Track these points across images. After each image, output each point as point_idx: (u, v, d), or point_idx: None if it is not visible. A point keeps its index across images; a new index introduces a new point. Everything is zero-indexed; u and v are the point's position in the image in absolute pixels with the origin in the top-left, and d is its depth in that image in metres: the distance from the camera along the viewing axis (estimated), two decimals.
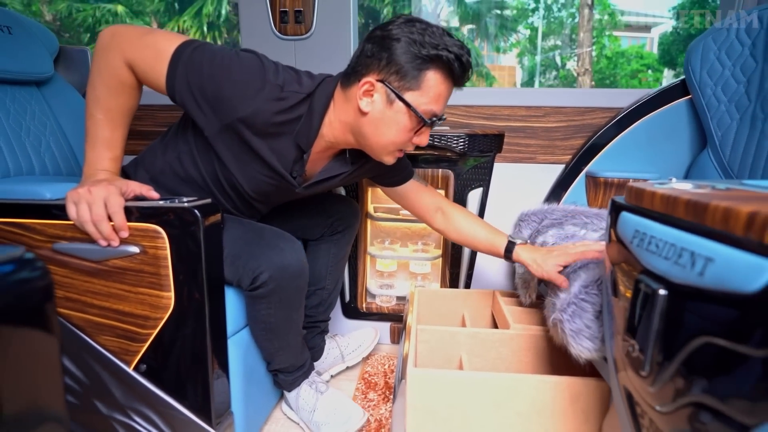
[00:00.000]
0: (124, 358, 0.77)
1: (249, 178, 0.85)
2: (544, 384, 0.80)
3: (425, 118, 0.77)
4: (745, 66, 1.04)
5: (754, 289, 0.35)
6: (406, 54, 0.73)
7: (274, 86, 0.76)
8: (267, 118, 0.77)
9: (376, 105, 0.77)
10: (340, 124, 0.82)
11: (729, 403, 0.38)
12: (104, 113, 0.75)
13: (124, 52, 0.74)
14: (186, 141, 0.87)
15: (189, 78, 0.74)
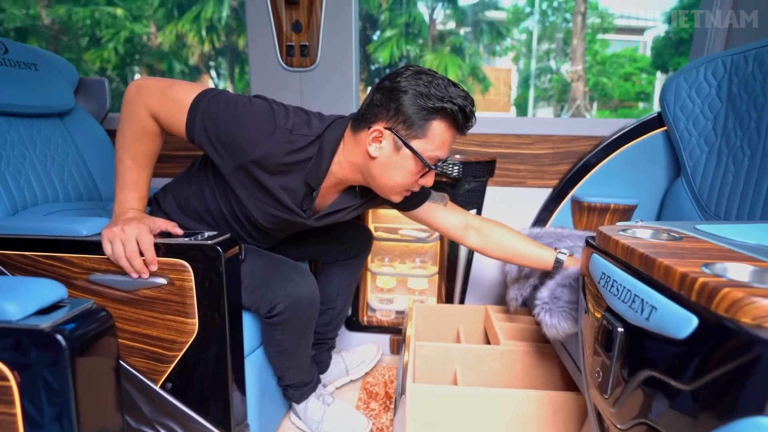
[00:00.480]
0: (152, 377, 0.85)
1: (263, 212, 0.92)
2: (529, 398, 0.89)
3: (430, 164, 0.83)
4: (712, 104, 1.14)
5: (684, 336, 0.45)
6: (413, 105, 0.79)
7: (284, 130, 0.82)
8: (277, 160, 0.83)
9: (384, 151, 0.82)
10: (349, 165, 0.88)
11: (667, 424, 0.47)
12: (132, 159, 0.84)
13: (149, 105, 0.82)
14: (207, 176, 0.95)
15: (206, 125, 0.82)
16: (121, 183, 0.85)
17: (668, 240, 0.62)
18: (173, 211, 1.00)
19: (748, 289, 0.41)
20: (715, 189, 1.11)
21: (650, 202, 1.34)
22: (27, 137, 1.13)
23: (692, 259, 0.51)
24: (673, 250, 0.55)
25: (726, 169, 1.09)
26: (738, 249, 0.55)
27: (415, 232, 1.47)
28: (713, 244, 0.58)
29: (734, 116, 1.09)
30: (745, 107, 1.05)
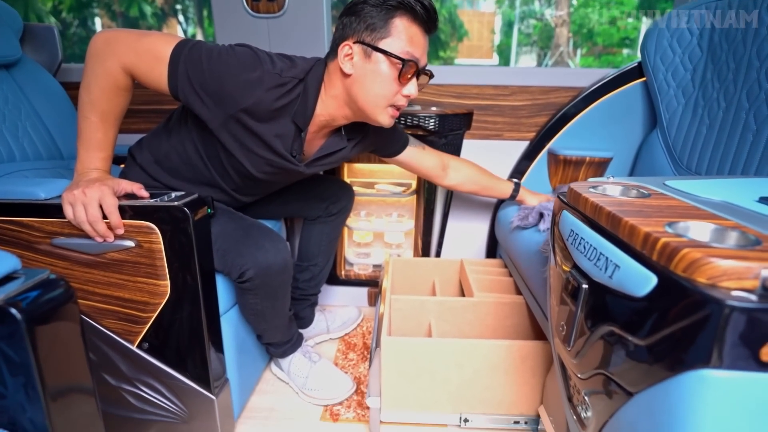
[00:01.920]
0: (128, 338, 0.85)
1: (254, 162, 0.89)
2: (498, 347, 0.93)
3: (404, 57, 0.80)
4: (692, 54, 1.12)
5: (643, 294, 0.46)
6: (372, 10, 0.79)
7: (273, 75, 0.80)
8: (268, 105, 0.81)
9: (356, 64, 0.81)
10: (333, 100, 0.87)
11: (622, 375, 0.50)
12: (98, 116, 0.79)
13: (122, 58, 0.77)
14: (188, 130, 0.91)
15: (190, 76, 0.78)
16: (86, 142, 0.80)
17: (637, 197, 0.62)
18: (150, 166, 0.96)
19: (706, 249, 0.41)
20: (689, 142, 1.12)
21: (625, 155, 1.34)
22: None
23: (657, 217, 0.52)
24: (640, 208, 0.56)
25: (701, 121, 1.09)
26: (703, 206, 0.56)
27: (391, 186, 1.46)
28: (680, 201, 0.59)
29: (713, 67, 1.07)
30: (725, 57, 1.04)
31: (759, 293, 0.38)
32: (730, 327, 0.38)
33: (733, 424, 0.40)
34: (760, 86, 0.93)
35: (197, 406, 0.89)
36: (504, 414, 0.98)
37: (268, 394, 1.12)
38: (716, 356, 0.39)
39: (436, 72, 1.38)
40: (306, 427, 1.02)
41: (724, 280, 0.39)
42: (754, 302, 0.37)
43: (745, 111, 0.96)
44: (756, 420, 0.39)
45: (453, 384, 0.96)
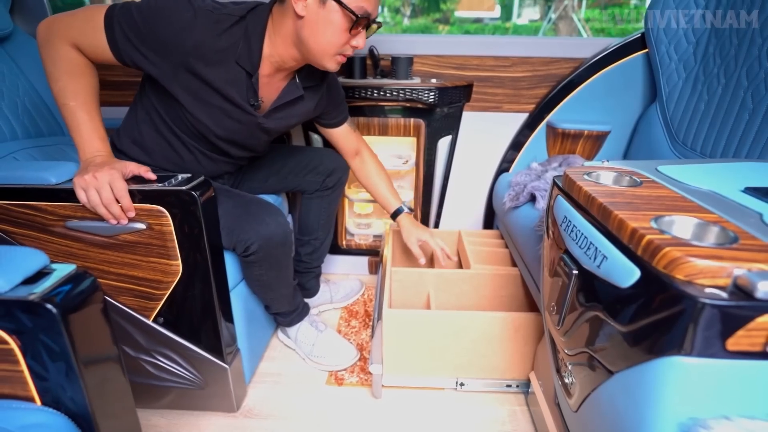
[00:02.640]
0: (144, 313, 0.90)
1: (213, 117, 0.90)
2: (493, 318, 0.99)
3: (357, 13, 0.81)
4: (696, 27, 1.11)
5: (627, 285, 0.50)
6: None
7: (205, 11, 0.81)
8: (211, 44, 0.82)
9: (310, 7, 0.81)
10: (281, 40, 0.86)
11: (604, 355, 0.55)
12: (74, 98, 0.81)
13: (64, 36, 0.79)
14: (149, 98, 0.93)
15: (127, 34, 0.80)
16: (76, 128, 0.81)
17: (628, 186, 0.65)
18: (130, 148, 0.98)
19: (685, 248, 0.45)
20: (687, 117, 1.13)
21: (623, 128, 1.35)
22: None
23: (645, 210, 0.55)
24: (631, 200, 0.59)
25: (699, 97, 1.10)
26: (691, 197, 0.59)
27: (392, 159, 1.47)
28: (669, 191, 0.62)
29: (716, 41, 1.07)
30: (728, 32, 1.03)
31: (730, 291, 0.42)
32: (702, 320, 0.42)
33: (701, 404, 0.45)
34: (761, 65, 0.93)
35: (212, 374, 0.96)
36: (497, 378, 1.06)
37: (276, 360, 1.19)
38: (688, 345, 0.43)
39: (437, 43, 1.37)
40: (312, 390, 1.10)
41: (700, 278, 0.43)
42: (725, 299, 0.41)
43: (744, 89, 0.97)
44: (721, 401, 0.44)
45: (450, 352, 1.03)
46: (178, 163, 0.98)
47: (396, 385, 1.08)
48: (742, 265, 0.42)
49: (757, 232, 0.48)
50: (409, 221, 1.21)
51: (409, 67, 1.30)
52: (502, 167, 1.47)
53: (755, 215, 0.53)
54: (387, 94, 1.29)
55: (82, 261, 0.86)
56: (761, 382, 0.43)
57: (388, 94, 1.29)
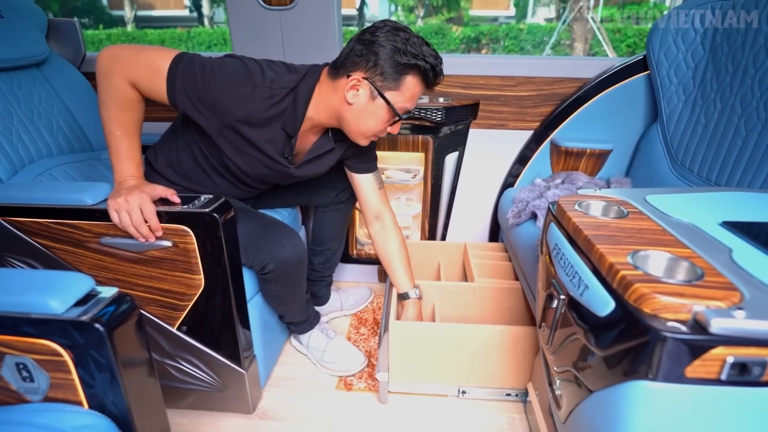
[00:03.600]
0: (169, 322, 0.98)
1: (249, 164, 0.99)
2: (493, 331, 1.04)
3: (400, 114, 0.92)
4: (695, 53, 1.15)
5: (603, 314, 0.56)
6: (390, 60, 0.87)
7: (263, 88, 0.89)
8: (261, 114, 0.90)
9: (360, 98, 0.90)
10: (325, 109, 0.94)
11: (585, 375, 0.61)
12: (120, 129, 0.88)
13: (126, 74, 0.85)
14: (191, 134, 1.00)
15: (187, 90, 0.87)
16: (116, 153, 0.89)
17: (615, 217, 0.70)
18: (165, 170, 1.05)
19: (653, 285, 0.50)
20: (685, 139, 1.17)
21: (625, 147, 1.39)
22: (9, 93, 1.13)
23: (625, 244, 0.60)
24: (614, 232, 0.64)
25: (697, 120, 1.13)
26: (671, 230, 0.64)
27: (401, 173, 1.53)
28: (652, 223, 0.67)
29: (713, 68, 1.11)
30: (724, 59, 1.07)
31: (690, 325, 0.48)
32: (665, 350, 0.47)
33: (665, 424, 0.50)
34: (753, 94, 0.97)
35: (230, 378, 1.03)
36: (497, 387, 1.12)
37: (289, 365, 1.27)
38: (653, 371, 0.49)
39: (445, 63, 1.42)
40: (323, 394, 1.17)
41: (664, 312, 0.49)
42: (684, 332, 0.47)
43: (738, 116, 1.01)
44: (682, 422, 0.50)
45: (452, 362, 1.09)
46: (210, 186, 1.06)
47: (401, 391, 1.15)
48: (701, 302, 0.48)
49: (723, 269, 0.53)
50: (412, 313, 1.15)
51: None
52: (508, 182, 1.52)
53: (726, 250, 0.58)
54: None
55: (114, 274, 0.94)
56: (717, 406, 0.48)
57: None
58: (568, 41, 9.37)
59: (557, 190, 1.25)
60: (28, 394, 0.59)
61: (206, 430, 1.06)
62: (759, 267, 0.53)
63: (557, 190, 1.25)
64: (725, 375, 0.47)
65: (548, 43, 9.28)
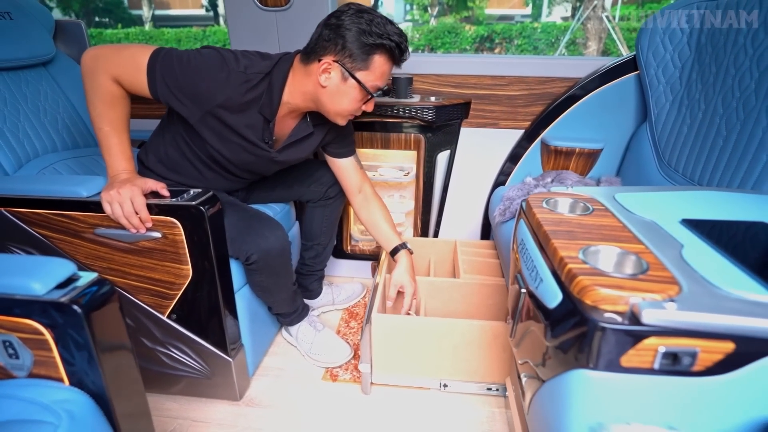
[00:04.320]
0: (159, 310, 1.03)
1: (231, 151, 1.04)
2: (473, 326, 1.07)
3: (371, 92, 0.98)
4: (682, 53, 1.15)
5: (552, 306, 0.58)
6: (357, 41, 0.91)
7: (238, 73, 0.94)
8: (239, 99, 0.95)
9: (332, 80, 0.95)
10: (300, 94, 0.99)
11: (538, 366, 0.63)
12: (109, 125, 0.93)
13: (108, 71, 0.91)
14: (176, 127, 1.06)
15: (167, 81, 0.92)
16: (107, 149, 0.94)
17: (579, 214, 0.72)
18: (156, 166, 1.10)
19: (595, 278, 0.52)
20: (672, 139, 1.17)
21: (616, 146, 1.40)
22: (17, 91, 1.19)
23: (581, 240, 0.62)
24: (573, 228, 0.66)
25: (683, 121, 1.14)
26: (630, 226, 0.66)
27: (393, 171, 1.56)
28: (613, 220, 0.69)
29: (698, 68, 1.11)
30: (708, 60, 1.07)
31: (628, 316, 0.50)
32: (602, 340, 0.49)
33: (605, 411, 0.52)
34: (733, 94, 0.97)
35: (217, 366, 1.07)
36: (479, 381, 1.14)
37: (278, 355, 1.31)
38: (593, 360, 0.51)
39: (436, 62, 1.45)
40: (310, 384, 1.20)
41: (603, 304, 0.50)
42: (620, 323, 0.49)
43: (719, 116, 1.01)
44: (621, 409, 0.52)
45: (434, 355, 1.11)
46: (199, 179, 1.11)
47: (384, 383, 1.18)
48: (639, 294, 0.50)
49: (669, 264, 0.55)
50: (406, 263, 1.19)
51: (408, 87, 1.39)
52: (499, 180, 1.54)
53: (678, 246, 0.59)
54: (388, 111, 1.38)
55: (108, 263, 0.99)
56: (651, 395, 0.50)
57: (389, 111, 1.38)
58: (582, 40, 9.25)
59: (545, 189, 1.26)
60: (14, 370, 0.63)
61: (195, 415, 1.10)
62: (704, 262, 0.55)
63: (545, 189, 1.26)
64: (658, 364, 0.48)
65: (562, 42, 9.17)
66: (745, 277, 0.51)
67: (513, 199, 1.26)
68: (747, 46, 0.95)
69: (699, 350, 0.47)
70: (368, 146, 1.54)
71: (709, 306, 0.47)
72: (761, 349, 0.47)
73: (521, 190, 1.33)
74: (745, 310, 0.46)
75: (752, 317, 0.46)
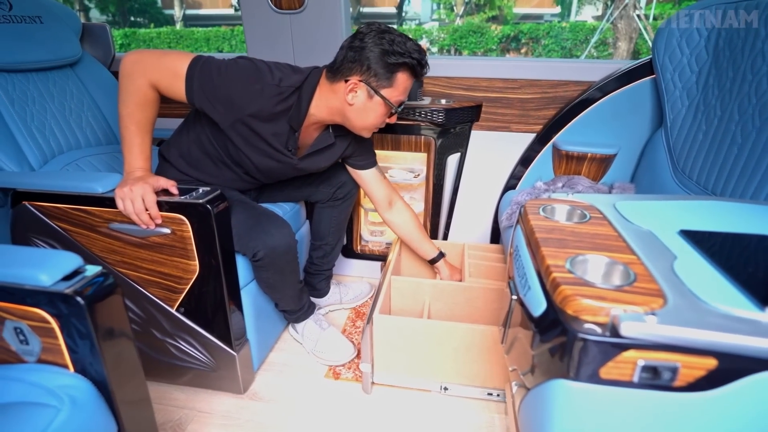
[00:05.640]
0: (168, 303, 1.07)
1: (256, 156, 1.08)
2: (473, 330, 1.06)
3: (395, 107, 1.03)
4: (699, 57, 1.11)
5: (537, 314, 0.57)
6: (380, 62, 0.96)
7: (272, 86, 0.99)
8: (270, 110, 1.00)
9: (359, 98, 1.00)
10: (327, 108, 1.04)
11: (524, 374, 0.63)
12: (136, 125, 0.97)
13: (148, 76, 0.95)
14: (202, 126, 1.10)
15: (203, 89, 0.96)
16: (129, 147, 0.98)
17: (575, 222, 0.71)
18: (177, 160, 1.14)
19: (578, 288, 0.52)
20: (687, 145, 1.14)
21: (631, 151, 1.36)
22: (45, 91, 1.26)
23: (571, 248, 0.61)
24: (566, 236, 0.65)
25: (698, 127, 1.10)
26: (625, 235, 0.65)
27: (404, 173, 1.57)
28: (608, 229, 0.68)
29: (716, 72, 1.07)
30: (726, 64, 1.04)
31: (609, 328, 0.49)
32: (581, 351, 0.49)
33: (585, 422, 0.52)
34: (749, 100, 0.94)
35: (222, 359, 1.11)
36: (479, 386, 1.13)
37: (284, 351, 1.33)
38: (573, 371, 0.50)
39: (448, 66, 1.45)
40: (313, 381, 1.23)
41: (584, 314, 0.50)
42: (599, 335, 0.48)
43: (735, 123, 0.97)
44: (600, 421, 0.51)
45: (435, 358, 1.12)
46: (216, 175, 1.15)
47: (386, 383, 1.19)
48: (621, 306, 0.49)
49: (658, 275, 0.54)
50: (448, 266, 1.35)
51: (419, 89, 1.39)
52: (510, 184, 1.53)
53: (671, 258, 0.58)
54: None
55: (121, 257, 1.03)
56: (631, 409, 0.49)
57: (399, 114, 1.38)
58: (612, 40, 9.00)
59: (554, 194, 1.25)
60: (24, 356, 0.67)
61: (200, 406, 1.14)
62: (694, 275, 0.54)
63: (554, 194, 1.25)
64: (637, 378, 0.48)
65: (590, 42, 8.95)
66: (734, 292, 0.50)
67: (521, 204, 1.24)
68: (765, 51, 0.91)
69: (680, 365, 0.47)
70: (378, 148, 1.55)
71: (692, 320, 0.46)
72: (746, 367, 0.46)
73: (530, 194, 1.31)
74: (729, 326, 0.45)
75: (735, 333, 0.44)
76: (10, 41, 1.19)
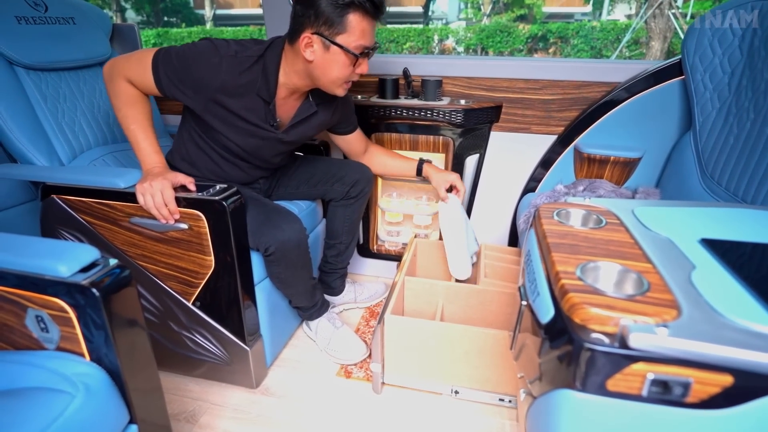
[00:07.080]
0: (185, 297, 1.09)
1: (239, 135, 1.09)
2: (485, 334, 1.05)
3: (356, 53, 0.98)
4: (732, 57, 1.06)
5: (545, 321, 0.56)
6: (328, 6, 0.92)
7: (229, 57, 0.99)
8: (234, 82, 1.00)
9: (317, 53, 0.98)
10: (294, 73, 1.04)
11: (531, 381, 0.61)
12: (134, 123, 1.02)
13: (123, 75, 1.01)
14: (190, 124, 1.14)
15: (168, 76, 1.00)
16: (137, 146, 1.03)
17: (591, 228, 0.69)
18: (180, 165, 1.18)
19: (587, 296, 0.50)
20: (716, 149, 1.09)
21: (657, 155, 1.31)
22: (76, 89, 1.31)
23: (584, 254, 0.60)
24: (579, 242, 0.64)
25: (729, 130, 1.05)
26: (642, 243, 0.63)
27: None
28: (624, 235, 0.65)
29: (750, 73, 1.02)
30: (761, 65, 0.98)
31: (618, 338, 0.47)
32: (587, 361, 0.48)
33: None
34: None
35: (236, 353, 1.13)
36: (490, 391, 1.12)
37: (297, 348, 1.35)
38: (579, 381, 0.49)
39: (468, 66, 1.43)
40: (324, 379, 1.23)
41: (591, 324, 0.48)
42: (607, 345, 0.47)
43: None
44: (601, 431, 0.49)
45: (446, 360, 1.11)
46: (218, 172, 1.17)
47: (396, 384, 1.18)
48: (631, 316, 0.47)
49: (674, 286, 0.52)
50: (434, 169, 1.35)
51: (438, 89, 1.38)
52: (529, 186, 1.49)
53: (689, 267, 0.56)
54: (416, 114, 1.38)
55: (141, 250, 1.06)
56: (639, 423, 0.47)
57: (417, 114, 1.38)
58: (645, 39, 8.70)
59: (573, 198, 1.21)
60: (45, 343, 0.70)
61: (213, 398, 1.16)
62: (713, 287, 0.51)
63: (573, 198, 1.21)
64: (646, 392, 0.46)
65: (622, 41, 8.68)
66: (756, 306, 0.47)
67: (538, 207, 1.21)
68: None
69: (692, 381, 0.45)
70: (396, 148, 1.54)
71: (707, 334, 0.44)
72: (766, 386, 0.43)
73: (550, 197, 1.28)
74: (746, 342, 0.43)
75: (753, 350, 0.42)
76: (46, 42, 1.24)
